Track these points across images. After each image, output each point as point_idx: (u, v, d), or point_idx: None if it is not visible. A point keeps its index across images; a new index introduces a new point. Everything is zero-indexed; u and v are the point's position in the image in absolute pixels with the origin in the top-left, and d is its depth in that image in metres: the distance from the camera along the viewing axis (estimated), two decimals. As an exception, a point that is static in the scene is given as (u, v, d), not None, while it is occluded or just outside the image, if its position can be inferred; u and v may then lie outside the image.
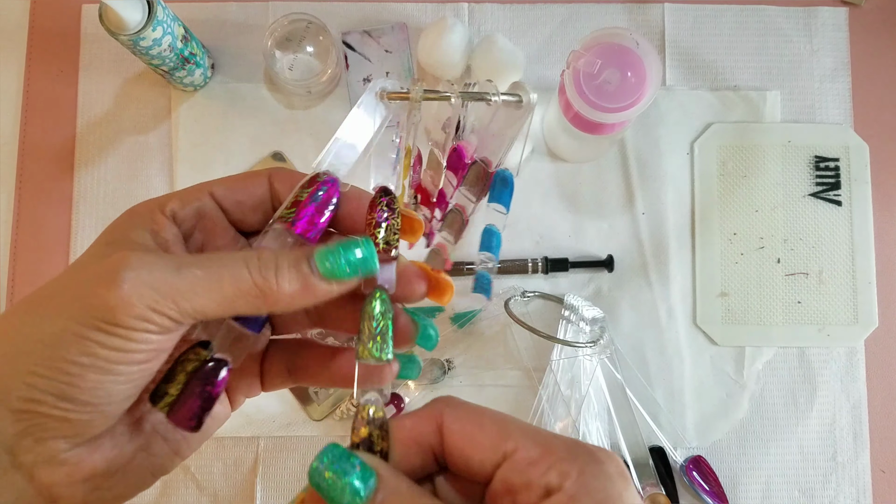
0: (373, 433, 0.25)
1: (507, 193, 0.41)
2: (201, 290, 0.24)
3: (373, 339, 0.26)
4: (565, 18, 0.63)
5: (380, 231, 0.28)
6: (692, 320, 0.61)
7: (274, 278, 0.25)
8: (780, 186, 0.62)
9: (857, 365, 0.61)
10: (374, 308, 0.27)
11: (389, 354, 0.26)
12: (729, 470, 0.60)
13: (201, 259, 0.25)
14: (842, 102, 0.63)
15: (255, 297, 0.25)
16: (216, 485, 0.59)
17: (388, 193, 0.29)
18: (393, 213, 0.28)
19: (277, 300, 0.25)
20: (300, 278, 0.25)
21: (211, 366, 0.27)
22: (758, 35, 0.63)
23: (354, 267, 0.26)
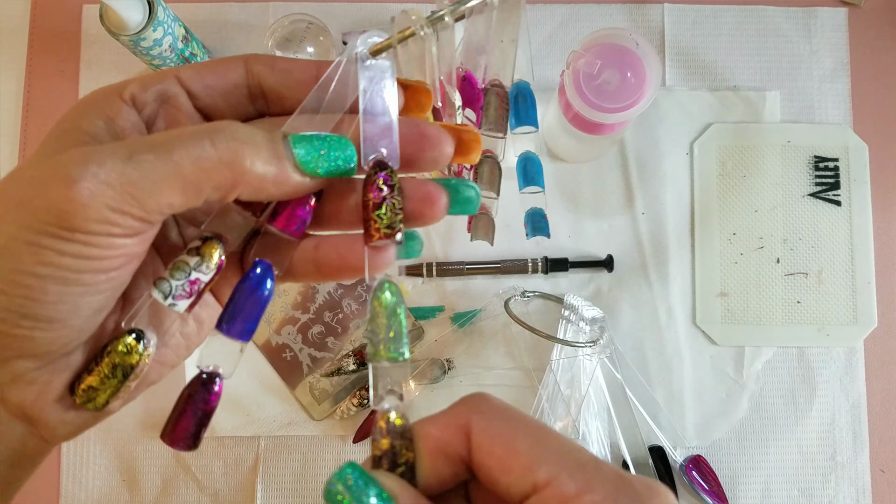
0: (395, 444, 0.22)
1: (530, 108, 0.35)
2: (159, 178, 0.21)
3: (387, 340, 0.24)
4: (565, 19, 0.63)
5: (381, 213, 0.25)
6: (692, 320, 0.61)
7: (246, 152, 0.22)
8: (780, 186, 0.62)
9: (857, 365, 0.61)
10: (385, 302, 0.24)
11: (407, 353, 0.24)
12: (728, 469, 0.60)
13: (154, 140, 0.21)
14: (841, 103, 0.63)
15: (221, 176, 0.22)
16: (217, 484, 0.59)
17: (385, 167, 0.25)
18: (392, 191, 0.25)
19: (247, 182, 0.22)
20: (275, 160, 0.22)
21: (204, 380, 0.24)
22: (757, 35, 0.64)
23: (331, 165, 0.23)
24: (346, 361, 0.58)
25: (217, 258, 0.24)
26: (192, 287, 0.24)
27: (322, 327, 0.60)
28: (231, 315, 0.24)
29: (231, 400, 0.59)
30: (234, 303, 0.24)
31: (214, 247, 0.24)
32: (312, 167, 0.23)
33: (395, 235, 0.24)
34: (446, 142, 0.26)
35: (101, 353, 0.24)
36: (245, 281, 0.25)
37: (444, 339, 0.60)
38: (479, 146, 0.27)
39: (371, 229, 0.24)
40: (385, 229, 0.24)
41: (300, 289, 0.60)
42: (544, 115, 0.61)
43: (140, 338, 0.24)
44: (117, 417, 0.59)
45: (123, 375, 0.24)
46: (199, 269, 0.24)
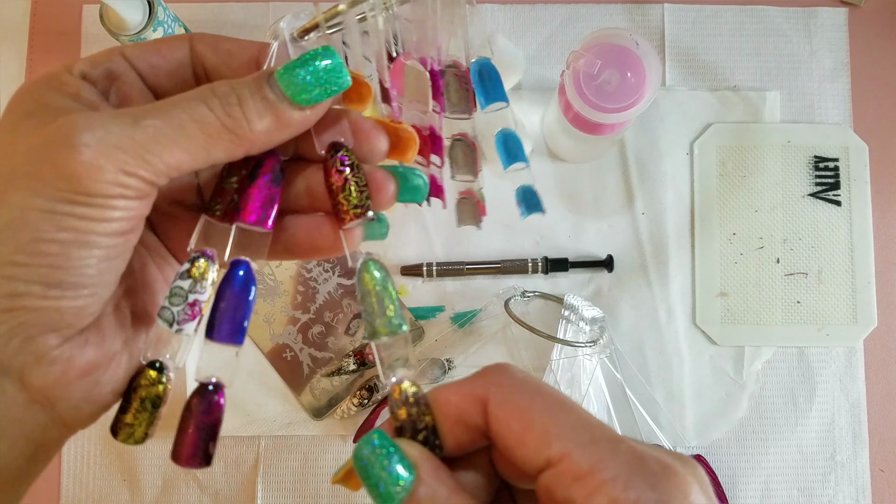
0: (412, 412, 0.23)
1: (496, 84, 0.34)
2: (167, 141, 0.21)
3: (382, 315, 0.24)
4: (565, 19, 0.63)
5: (347, 194, 0.25)
6: (692, 320, 0.61)
7: (241, 114, 0.22)
8: (780, 186, 0.62)
9: (857, 364, 0.61)
10: (373, 279, 0.24)
11: (405, 325, 0.24)
12: (728, 469, 0.60)
13: (155, 107, 0.22)
14: (841, 103, 0.63)
15: (227, 140, 0.22)
16: (217, 484, 0.59)
17: (339, 148, 0.25)
18: (353, 170, 0.25)
19: (253, 140, 0.23)
20: (269, 109, 0.22)
21: (205, 392, 0.24)
22: (757, 35, 0.64)
23: (323, 82, 0.23)
24: (347, 361, 0.58)
25: (210, 276, 0.24)
26: (194, 309, 0.24)
27: (322, 327, 0.60)
28: (219, 320, 0.24)
29: (231, 400, 0.59)
30: (220, 308, 0.24)
31: (204, 265, 0.24)
32: (308, 97, 0.23)
33: (367, 212, 0.25)
34: (378, 137, 0.26)
35: (129, 391, 0.24)
36: (228, 285, 0.24)
37: (443, 339, 0.60)
38: (416, 146, 0.27)
39: (341, 212, 0.25)
40: (354, 209, 0.25)
41: (300, 289, 0.60)
42: (544, 116, 0.61)
43: (160, 368, 0.24)
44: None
45: (153, 406, 0.24)
46: (195, 290, 0.24)
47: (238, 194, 0.25)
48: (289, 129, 0.23)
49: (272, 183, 0.25)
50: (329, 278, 0.60)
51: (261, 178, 0.25)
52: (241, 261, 0.25)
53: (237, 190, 0.25)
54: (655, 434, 0.58)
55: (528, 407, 0.20)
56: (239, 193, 0.25)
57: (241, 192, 0.25)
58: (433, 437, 0.22)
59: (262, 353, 0.60)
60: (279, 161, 0.25)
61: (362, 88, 0.26)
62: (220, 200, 0.26)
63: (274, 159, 0.25)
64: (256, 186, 0.25)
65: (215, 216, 0.25)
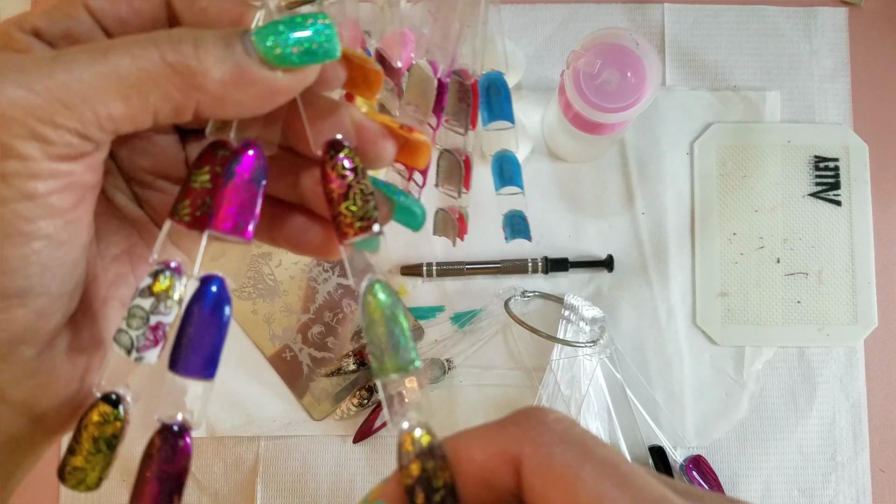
0: (427, 467, 0.18)
1: (503, 101, 0.31)
2: (93, 80, 0.17)
3: (391, 349, 0.20)
4: (565, 18, 0.63)
5: (350, 205, 0.21)
6: (692, 320, 0.61)
7: (193, 53, 0.18)
8: (780, 186, 0.62)
9: (857, 365, 0.61)
10: (380, 306, 0.20)
11: (417, 360, 0.21)
12: (728, 469, 0.60)
13: (89, 46, 0.18)
14: (841, 103, 0.63)
15: (172, 83, 0.18)
16: (217, 484, 0.59)
17: (340, 148, 0.21)
18: (357, 174, 0.21)
19: (204, 89, 0.18)
20: (232, 54, 0.19)
21: (167, 435, 0.20)
22: (757, 35, 0.63)
23: (305, 43, 0.19)
24: (346, 361, 0.58)
25: (177, 293, 0.21)
26: (156, 333, 0.20)
27: (322, 327, 0.60)
28: (185, 350, 0.20)
29: (230, 400, 0.59)
30: (187, 334, 0.20)
31: (168, 281, 0.20)
32: (282, 54, 0.19)
33: (373, 226, 0.21)
34: (384, 143, 0.22)
35: (79, 429, 0.20)
36: (197, 305, 0.20)
37: (443, 339, 0.60)
38: (429, 150, 0.24)
39: (343, 226, 0.21)
40: (359, 223, 0.21)
41: (300, 289, 0.60)
42: (544, 115, 0.61)
43: (115, 402, 0.21)
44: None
45: (108, 448, 0.20)
46: (158, 311, 0.20)
47: (211, 195, 0.21)
48: (252, 88, 0.19)
49: (252, 182, 0.21)
50: (329, 278, 0.60)
51: (238, 177, 0.21)
52: (214, 276, 0.21)
53: (210, 190, 0.21)
54: (655, 434, 0.58)
55: (573, 476, 0.16)
56: (212, 194, 0.21)
57: (214, 193, 0.21)
58: (451, 498, 0.18)
59: (261, 353, 0.60)
60: (261, 155, 0.21)
61: (370, 74, 0.22)
62: (188, 202, 0.21)
63: (254, 153, 0.21)
64: (232, 186, 0.21)
65: (183, 221, 0.21)
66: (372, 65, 0.23)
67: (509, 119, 0.31)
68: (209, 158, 0.22)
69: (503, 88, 0.31)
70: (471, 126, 0.32)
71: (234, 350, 0.59)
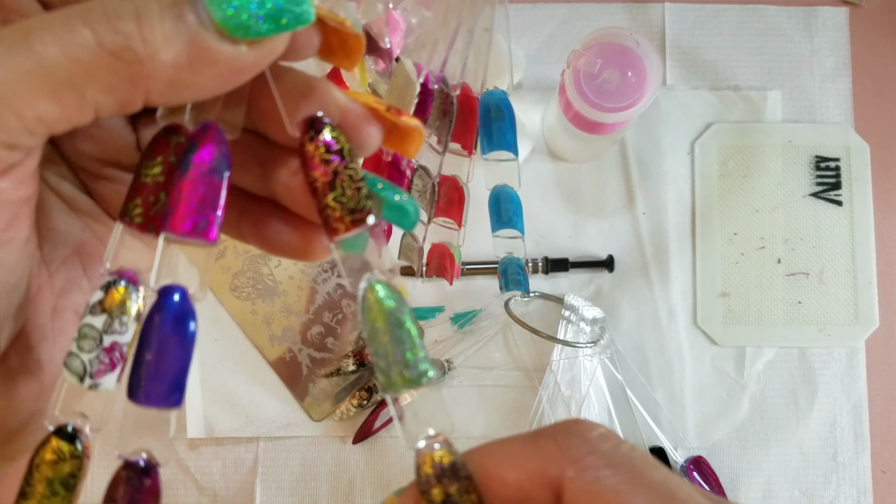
0: (450, 492, 0.16)
1: (506, 129, 0.26)
2: (15, 77, 0.14)
3: (399, 360, 0.17)
4: (565, 18, 0.63)
5: (338, 195, 0.18)
6: (693, 320, 0.60)
7: (136, 30, 0.15)
8: (781, 186, 0.62)
9: (858, 365, 0.61)
10: (383, 311, 0.18)
11: (431, 369, 0.18)
12: (729, 470, 0.59)
13: (4, 31, 0.15)
14: (842, 102, 0.63)
15: (114, 72, 0.15)
16: (216, 485, 0.59)
17: (321, 127, 0.18)
18: (343, 158, 0.18)
19: (153, 76, 0.15)
20: (184, 33, 0.15)
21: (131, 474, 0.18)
22: (758, 35, 0.63)
23: (272, 8, 0.16)
24: (346, 362, 0.58)
25: (134, 307, 0.18)
26: (112, 355, 0.18)
27: (321, 328, 0.60)
28: (145, 375, 0.17)
29: (229, 401, 0.59)
30: (145, 357, 0.17)
31: (123, 293, 0.18)
32: (245, 24, 0.15)
33: (366, 219, 0.18)
34: (368, 126, 0.19)
35: (30, 469, 0.17)
36: (156, 322, 0.17)
37: (443, 340, 0.60)
38: (420, 137, 0.20)
39: (332, 220, 0.18)
40: (350, 216, 0.18)
41: (299, 290, 0.60)
42: (544, 115, 0.61)
43: (71, 437, 0.18)
44: (115, 417, 0.58)
45: (66, 489, 0.18)
46: (112, 330, 0.17)
47: (165, 191, 0.18)
48: (212, 68, 0.16)
49: (213, 174, 0.17)
50: (328, 279, 0.60)
51: (195, 168, 0.17)
52: (175, 287, 0.18)
53: (164, 185, 0.18)
54: (656, 435, 0.58)
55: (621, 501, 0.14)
56: (166, 189, 0.18)
57: (168, 188, 0.18)
58: None
59: (260, 354, 0.59)
60: (223, 140, 0.18)
61: (349, 39, 0.19)
62: (139, 200, 0.18)
63: (214, 138, 0.18)
64: (190, 179, 0.17)
65: (134, 224, 0.18)
66: (350, 28, 0.19)
67: (512, 150, 0.26)
68: (161, 147, 0.18)
69: (507, 112, 0.26)
70: (468, 150, 0.27)
71: (233, 351, 0.59)
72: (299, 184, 0.19)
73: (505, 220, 0.28)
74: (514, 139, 0.26)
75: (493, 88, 0.26)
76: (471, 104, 0.26)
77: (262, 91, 0.18)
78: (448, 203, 0.29)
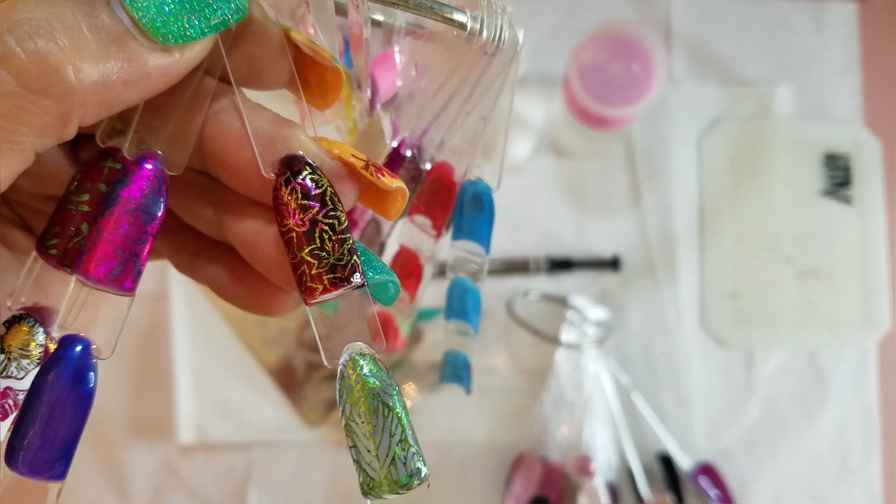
0: None
1: (482, 224, 0.23)
2: None
3: (385, 456, 0.14)
4: (570, 9, 0.62)
5: (317, 248, 0.15)
6: (700, 322, 0.59)
7: (63, 58, 0.13)
8: (790, 184, 0.60)
9: (869, 367, 0.59)
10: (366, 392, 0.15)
11: (424, 467, 0.15)
12: (738, 475, 0.58)
13: None
14: (852, 98, 0.61)
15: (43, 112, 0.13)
16: (208, 491, 0.57)
17: (299, 169, 0.16)
18: (325, 202, 0.15)
19: (86, 100, 0.13)
20: (115, 45, 0.13)
21: None
22: (767, 29, 0.62)
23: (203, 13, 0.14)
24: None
25: (37, 349, 0.15)
26: (3, 402, 0.15)
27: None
28: (31, 437, 0.14)
29: (222, 405, 0.57)
30: (34, 415, 0.14)
31: (27, 333, 0.15)
32: (175, 30, 0.14)
33: (352, 277, 0.15)
34: (341, 184, 0.16)
35: None
36: (50, 375, 0.15)
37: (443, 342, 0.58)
38: (404, 200, 0.18)
39: (307, 279, 0.15)
40: (330, 275, 0.15)
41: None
42: (549, 110, 0.60)
43: None
44: (105, 422, 0.57)
45: None
46: (8, 372, 0.15)
47: (89, 222, 0.15)
48: (144, 82, 0.14)
49: (141, 214, 0.15)
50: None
51: (122, 204, 0.15)
52: (76, 339, 0.15)
53: (87, 215, 0.15)
54: (663, 439, 0.57)
55: None
56: (89, 222, 0.15)
57: (91, 221, 0.15)
58: None
59: (254, 356, 0.58)
60: (160, 178, 0.16)
61: (326, 73, 0.17)
62: (58, 229, 0.15)
63: (149, 173, 0.15)
64: (113, 217, 0.15)
65: (50, 255, 0.15)
66: (328, 60, 0.17)
67: (484, 245, 0.23)
68: (94, 173, 0.15)
69: (488, 207, 0.23)
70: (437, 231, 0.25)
71: (226, 353, 0.58)
72: (259, 239, 0.17)
73: (459, 311, 0.26)
74: (489, 236, 0.23)
75: (478, 180, 0.24)
76: (450, 187, 0.24)
77: (214, 129, 0.17)
78: (405, 275, 0.27)
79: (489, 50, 0.19)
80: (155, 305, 0.57)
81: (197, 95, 0.16)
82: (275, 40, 0.17)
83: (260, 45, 0.16)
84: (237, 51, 0.16)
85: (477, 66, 0.20)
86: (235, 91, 0.16)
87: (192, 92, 0.16)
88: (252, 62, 0.17)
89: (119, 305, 0.16)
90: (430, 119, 0.21)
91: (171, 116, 0.16)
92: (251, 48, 0.16)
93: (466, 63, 0.19)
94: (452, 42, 0.19)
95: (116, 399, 0.57)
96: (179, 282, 0.57)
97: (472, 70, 0.20)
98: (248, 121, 0.16)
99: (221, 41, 0.16)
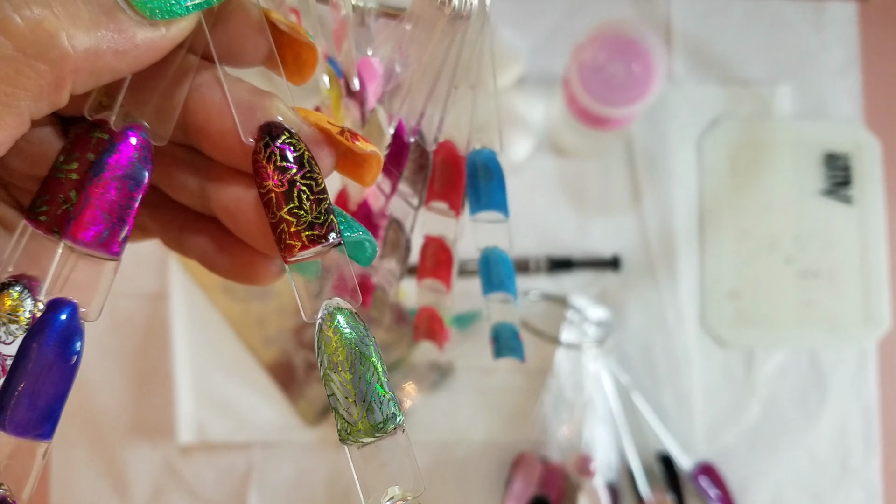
0: None
1: (495, 189, 0.25)
2: None
3: (361, 402, 0.15)
4: (569, 9, 0.61)
5: (296, 207, 0.16)
6: (700, 322, 0.59)
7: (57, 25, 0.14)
8: (790, 184, 0.60)
9: (869, 367, 0.59)
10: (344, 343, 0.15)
11: (399, 413, 0.16)
12: (738, 475, 0.58)
13: None
14: (852, 98, 0.61)
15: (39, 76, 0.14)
16: (209, 491, 0.57)
17: (278, 133, 0.16)
18: (303, 165, 0.16)
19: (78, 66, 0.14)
20: (105, 16, 0.14)
21: None
22: (767, 29, 0.62)
23: None
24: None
25: (25, 315, 0.16)
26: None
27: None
28: (14, 398, 0.15)
29: (222, 405, 0.57)
30: (21, 375, 0.15)
31: (15, 299, 0.16)
32: (162, 6, 0.15)
33: (329, 235, 0.16)
34: (318, 150, 0.17)
35: None
36: (37, 339, 0.15)
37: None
38: (378, 166, 0.18)
39: (286, 237, 0.16)
40: (308, 232, 0.16)
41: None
42: (549, 109, 0.60)
43: None
44: (105, 422, 0.57)
45: None
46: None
47: (77, 190, 0.16)
48: (130, 55, 0.15)
49: (127, 180, 0.16)
50: (325, 278, 0.59)
51: (109, 171, 0.16)
52: (64, 302, 0.16)
53: (76, 183, 0.16)
54: (663, 439, 0.57)
55: None
56: (78, 189, 0.16)
57: (80, 188, 0.16)
58: None
59: (253, 356, 0.58)
60: (146, 147, 0.16)
61: (302, 49, 0.18)
62: (48, 197, 0.16)
63: (136, 142, 0.16)
64: (101, 183, 0.16)
65: (39, 222, 0.16)
66: (303, 36, 0.18)
67: (502, 210, 0.25)
68: (83, 143, 0.16)
69: (496, 172, 0.24)
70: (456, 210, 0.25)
71: (225, 353, 0.58)
72: (241, 205, 0.18)
73: (496, 283, 0.27)
74: (504, 199, 0.25)
75: (480, 148, 0.25)
76: (457, 163, 0.25)
77: (197, 101, 0.17)
78: (436, 264, 0.28)
79: (464, 13, 0.19)
80: (155, 305, 0.57)
81: (181, 71, 0.17)
82: (254, 19, 0.18)
83: (240, 24, 0.17)
84: (219, 28, 0.17)
85: (454, 34, 0.20)
86: (217, 66, 0.17)
87: (176, 68, 0.17)
88: (232, 39, 0.17)
89: (106, 270, 0.16)
90: (422, 101, 0.22)
91: (156, 91, 0.17)
92: (232, 26, 0.17)
93: (444, 34, 0.20)
94: (426, 15, 0.20)
95: (116, 399, 0.57)
96: (179, 282, 0.57)
97: (450, 41, 0.20)
98: (229, 91, 0.17)
99: (204, 19, 0.16)
